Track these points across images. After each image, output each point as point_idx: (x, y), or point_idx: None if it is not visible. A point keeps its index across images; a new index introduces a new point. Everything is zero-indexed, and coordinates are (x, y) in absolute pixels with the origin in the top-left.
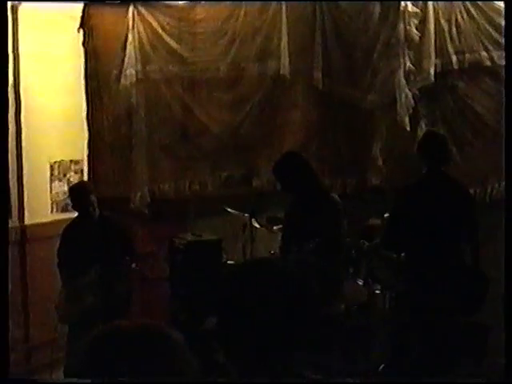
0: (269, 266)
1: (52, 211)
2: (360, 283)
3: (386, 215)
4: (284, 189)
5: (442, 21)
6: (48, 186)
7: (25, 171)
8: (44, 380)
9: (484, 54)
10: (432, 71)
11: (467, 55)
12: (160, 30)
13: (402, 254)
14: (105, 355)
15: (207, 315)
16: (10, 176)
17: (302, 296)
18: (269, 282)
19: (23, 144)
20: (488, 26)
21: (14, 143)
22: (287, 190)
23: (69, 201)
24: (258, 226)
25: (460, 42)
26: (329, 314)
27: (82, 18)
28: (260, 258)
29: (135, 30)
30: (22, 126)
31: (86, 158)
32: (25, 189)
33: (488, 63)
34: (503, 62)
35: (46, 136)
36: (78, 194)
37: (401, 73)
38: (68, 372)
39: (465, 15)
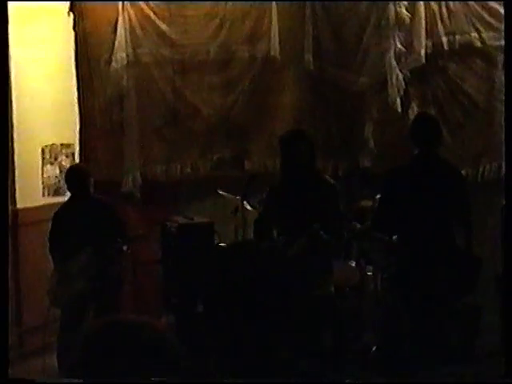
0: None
1: (44, 195)
2: (352, 264)
3: (377, 197)
4: (287, 162)
5: (433, 2)
6: (39, 169)
7: (16, 155)
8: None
9: (474, 35)
10: (423, 53)
11: (458, 36)
12: (150, 13)
13: (394, 236)
14: (101, 349)
15: (199, 298)
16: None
17: (298, 281)
18: (267, 268)
19: (14, 128)
20: (478, 8)
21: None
22: (289, 164)
23: (60, 184)
24: (249, 208)
25: (450, 23)
26: (320, 296)
27: (72, 1)
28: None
29: (125, 13)
30: (14, 110)
31: (77, 142)
32: (16, 173)
33: (479, 44)
34: (494, 43)
35: (37, 120)
36: (76, 176)
37: (391, 54)
38: (60, 356)
39: None
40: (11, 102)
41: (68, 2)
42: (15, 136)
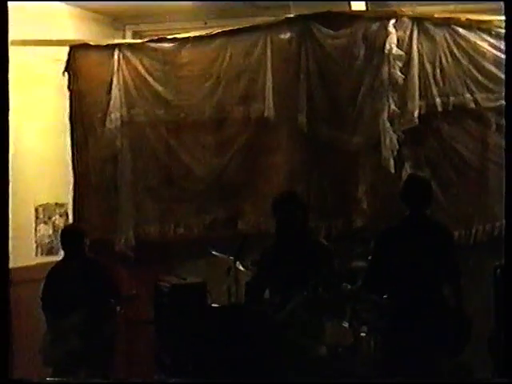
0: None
1: (37, 254)
2: (345, 325)
3: (369, 258)
4: (280, 226)
5: (427, 63)
6: (33, 228)
7: (9, 214)
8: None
9: (468, 96)
10: (416, 114)
11: (451, 98)
12: (145, 74)
13: (385, 296)
14: None
15: (192, 359)
16: None
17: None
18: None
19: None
20: (472, 69)
21: None
22: (283, 227)
23: (54, 244)
24: (242, 268)
25: (444, 84)
26: (314, 358)
27: (68, 61)
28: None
29: (120, 73)
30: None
31: (71, 201)
32: (9, 231)
33: (472, 106)
34: (487, 104)
35: (30, 179)
36: (71, 236)
37: (385, 115)
38: None
39: (449, 58)
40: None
41: (63, 63)
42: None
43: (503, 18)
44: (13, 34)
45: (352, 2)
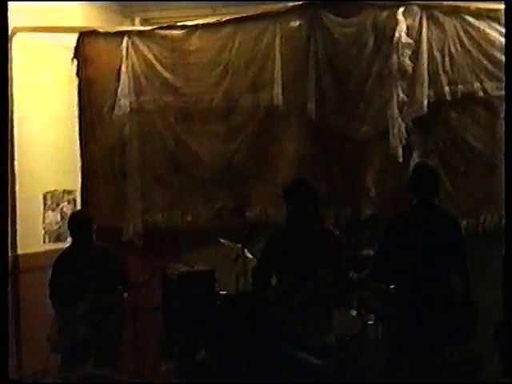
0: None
1: (45, 241)
2: (353, 314)
3: (377, 246)
4: (292, 213)
5: (436, 52)
6: (41, 215)
7: (18, 201)
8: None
9: (477, 85)
10: (425, 102)
11: (460, 86)
12: (154, 61)
13: (392, 286)
14: None
15: (199, 346)
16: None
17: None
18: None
19: (16, 174)
20: (481, 57)
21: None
22: (294, 214)
23: (62, 230)
24: (250, 256)
25: (453, 73)
26: (321, 346)
27: (76, 48)
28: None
29: (129, 60)
30: (15, 155)
31: (79, 188)
32: (17, 219)
33: (481, 94)
34: (496, 93)
35: (39, 166)
36: (79, 222)
37: (394, 104)
38: None
39: (458, 46)
40: (13, 146)
41: (72, 50)
42: (17, 182)
43: None
44: (22, 21)
45: None
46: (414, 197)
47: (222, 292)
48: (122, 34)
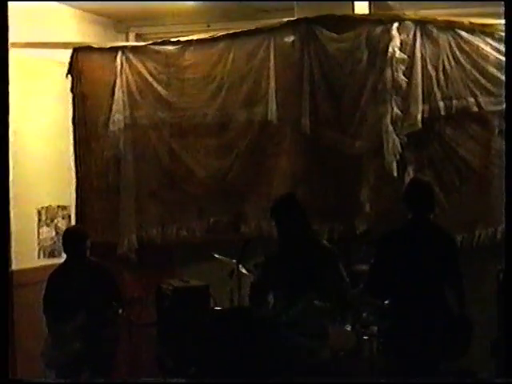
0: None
1: (39, 257)
2: (348, 329)
3: (372, 261)
4: (281, 231)
5: (430, 67)
6: (35, 231)
7: (12, 216)
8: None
9: (471, 100)
10: (419, 117)
11: (454, 101)
12: (148, 76)
13: (386, 302)
14: None
15: (194, 362)
16: None
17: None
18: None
19: (10, 189)
20: (475, 72)
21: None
22: (284, 232)
23: (56, 246)
24: (245, 271)
25: (447, 88)
26: (316, 362)
27: (70, 63)
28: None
29: (123, 75)
30: (10, 170)
31: (73, 204)
32: (12, 234)
33: (475, 109)
34: (491, 108)
35: (33, 181)
36: (73, 238)
37: (388, 119)
38: None
39: (452, 61)
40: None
41: (66, 65)
42: (11, 197)
43: None
44: (16, 36)
45: (355, 2)
46: (408, 212)
47: (216, 308)
48: (116, 49)
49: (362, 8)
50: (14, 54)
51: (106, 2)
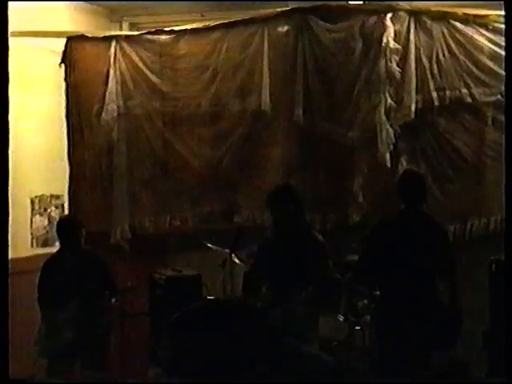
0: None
1: (32, 245)
2: (340, 319)
3: (362, 249)
4: (275, 220)
5: (423, 57)
6: (28, 220)
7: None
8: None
9: (465, 90)
10: (413, 108)
11: (448, 92)
12: (142, 65)
13: (377, 292)
14: None
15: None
16: None
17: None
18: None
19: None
20: (469, 63)
21: None
22: (277, 221)
23: (49, 235)
24: (238, 261)
25: (441, 78)
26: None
27: (64, 52)
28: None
29: (117, 65)
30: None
31: (66, 193)
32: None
33: (469, 100)
34: (484, 99)
35: (26, 170)
36: (67, 227)
37: (381, 109)
38: None
39: (446, 52)
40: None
41: (60, 54)
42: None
43: (500, 12)
44: (9, 25)
45: None
46: (401, 203)
47: (208, 297)
48: (109, 38)
49: None
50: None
51: None
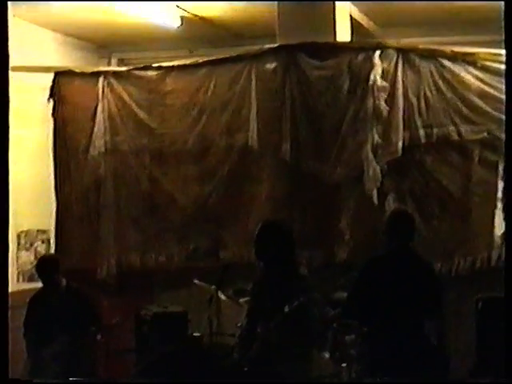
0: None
1: (18, 281)
2: (326, 356)
3: (351, 287)
4: (264, 258)
5: (411, 95)
6: (15, 255)
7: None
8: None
9: (452, 128)
10: (400, 145)
11: (435, 129)
12: (129, 101)
13: (365, 328)
14: None
15: None
16: None
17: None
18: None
19: None
20: (457, 101)
21: None
22: (266, 259)
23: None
24: (224, 298)
25: (428, 116)
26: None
27: (52, 87)
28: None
29: (105, 100)
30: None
31: (53, 228)
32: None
33: (456, 137)
34: (471, 137)
35: (13, 205)
36: (44, 267)
37: (369, 146)
38: None
39: (433, 89)
40: None
41: (47, 89)
42: None
43: (488, 50)
44: None
45: (336, 3)
46: (389, 242)
47: (194, 334)
48: (97, 74)
49: (344, 35)
50: None
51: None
